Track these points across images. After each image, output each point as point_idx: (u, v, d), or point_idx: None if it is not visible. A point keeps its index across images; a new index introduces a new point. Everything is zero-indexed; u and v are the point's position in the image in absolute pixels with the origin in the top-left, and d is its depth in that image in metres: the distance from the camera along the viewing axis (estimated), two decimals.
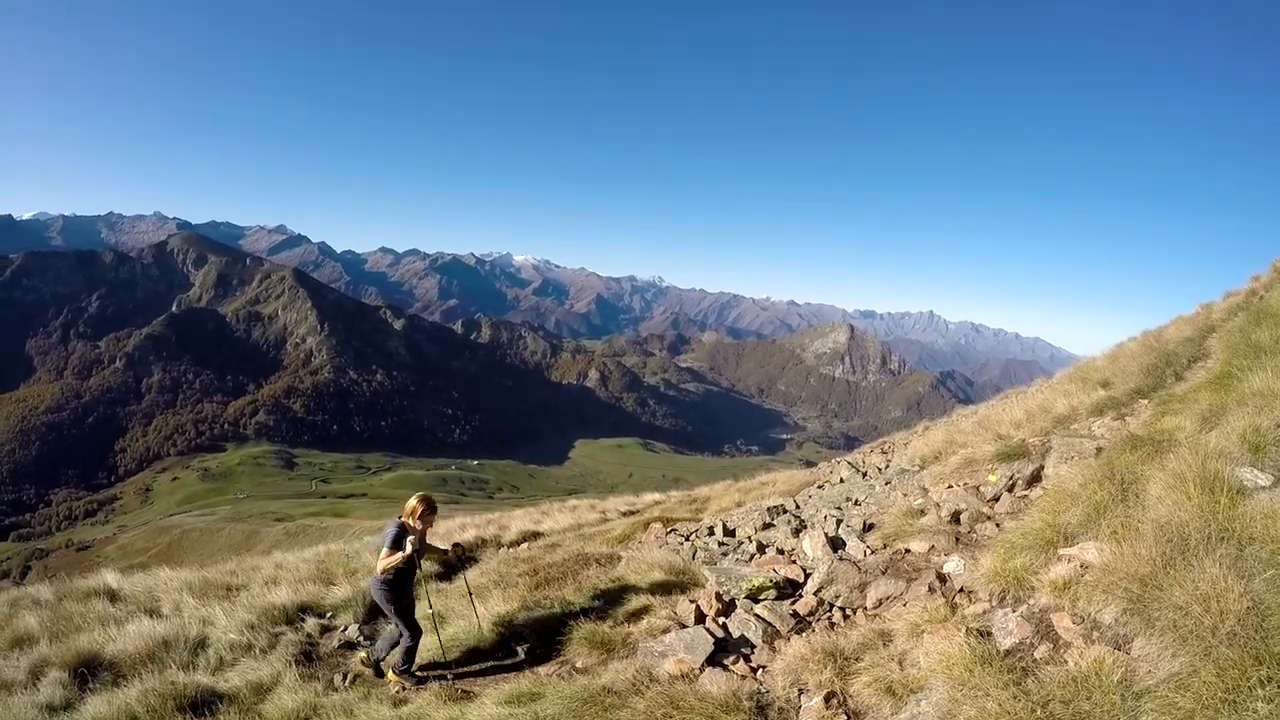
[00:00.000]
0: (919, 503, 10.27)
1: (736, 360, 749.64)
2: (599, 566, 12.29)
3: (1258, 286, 19.00)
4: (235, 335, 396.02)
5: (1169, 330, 18.42)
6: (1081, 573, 5.52)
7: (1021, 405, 15.56)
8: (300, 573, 15.09)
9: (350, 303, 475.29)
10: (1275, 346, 8.98)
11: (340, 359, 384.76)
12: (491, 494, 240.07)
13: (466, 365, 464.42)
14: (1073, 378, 17.72)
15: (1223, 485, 5.42)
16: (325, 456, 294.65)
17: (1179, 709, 3.76)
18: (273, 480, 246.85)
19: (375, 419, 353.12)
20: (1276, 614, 4.08)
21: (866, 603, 7.67)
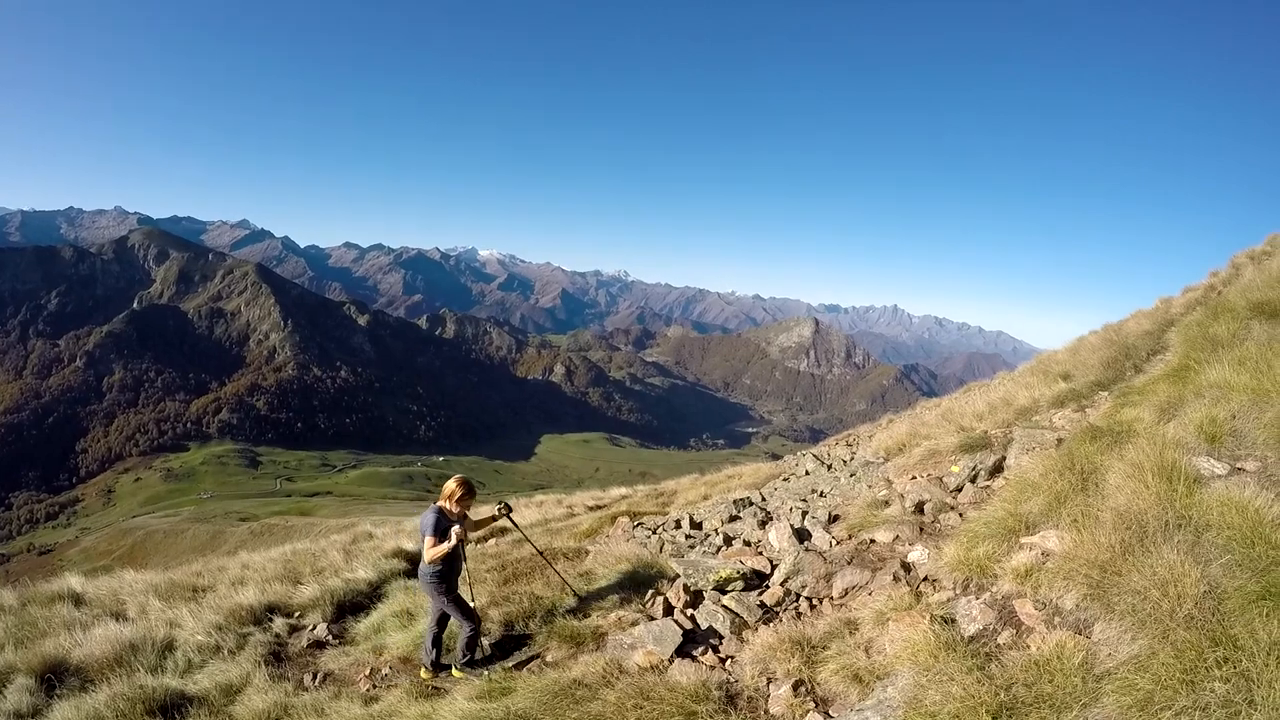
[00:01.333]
0: (883, 494, 10.38)
1: (702, 354, 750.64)
2: (567, 561, 12.31)
3: (1216, 282, 19.23)
4: (198, 332, 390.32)
5: (1129, 324, 18.61)
6: (1043, 560, 5.65)
7: (984, 398, 15.72)
8: (267, 572, 14.95)
9: (314, 298, 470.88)
10: (1232, 340, 9.12)
11: (304, 355, 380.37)
12: None
13: (431, 361, 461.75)
14: (1034, 371, 17.89)
15: (1180, 474, 5.56)
16: (290, 454, 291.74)
17: (1138, 690, 3.88)
18: (237, 479, 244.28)
19: (340, 416, 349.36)
20: (1233, 597, 4.21)
21: (833, 592, 7.76)
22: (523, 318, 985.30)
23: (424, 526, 8.66)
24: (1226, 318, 9.99)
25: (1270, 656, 3.65)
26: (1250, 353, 7.68)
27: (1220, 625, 4.05)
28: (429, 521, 8.61)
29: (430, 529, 8.55)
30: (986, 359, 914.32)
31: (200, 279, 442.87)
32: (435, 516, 8.65)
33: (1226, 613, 4.15)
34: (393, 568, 14.27)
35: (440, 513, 8.75)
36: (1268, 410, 6.14)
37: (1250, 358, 7.42)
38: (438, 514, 8.70)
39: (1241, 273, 16.10)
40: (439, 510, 8.76)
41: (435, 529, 8.54)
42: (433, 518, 8.63)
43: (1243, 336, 9.13)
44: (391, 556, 15.16)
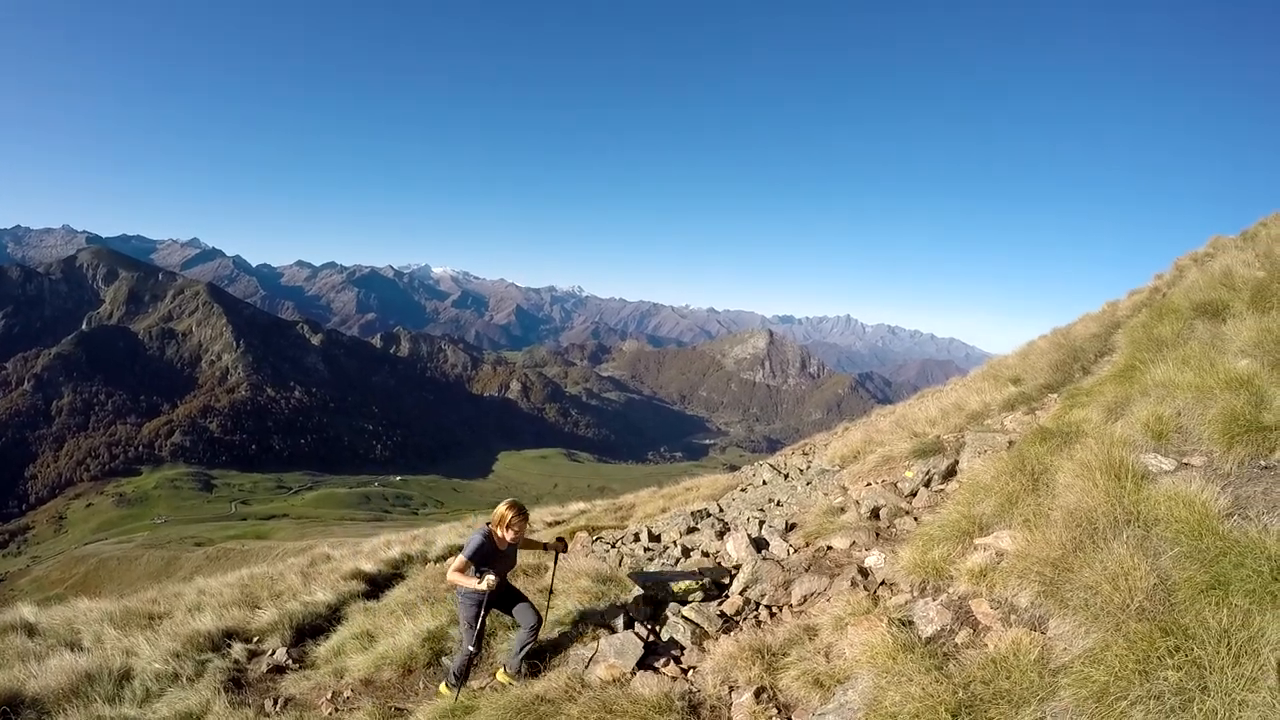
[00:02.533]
0: (839, 501, 10.47)
1: (658, 368, 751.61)
2: (526, 577, 12.27)
3: (1160, 284, 19.57)
4: (148, 353, 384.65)
5: (1077, 328, 18.87)
6: (997, 560, 5.74)
7: (936, 403, 15.87)
8: (224, 598, 14.79)
9: (266, 318, 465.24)
10: (1176, 340, 9.29)
11: (257, 376, 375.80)
12: (416, 510, 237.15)
13: (386, 380, 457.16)
14: (986, 375, 18.09)
15: (1128, 471, 5.68)
16: (244, 477, 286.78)
17: (1094, 682, 3.93)
18: (191, 503, 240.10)
19: (295, 437, 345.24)
20: (1183, 588, 4.30)
21: (791, 600, 7.82)
22: (477, 335, 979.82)
23: (466, 545, 8.01)
24: (1171, 319, 10.17)
25: (1221, 644, 3.72)
26: (1194, 352, 7.83)
27: (1171, 616, 4.13)
28: (472, 543, 7.97)
29: (469, 550, 7.91)
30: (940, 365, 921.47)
31: (151, 299, 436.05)
32: (480, 541, 8.02)
33: (1177, 603, 4.24)
34: (352, 589, 14.18)
35: (487, 538, 8.10)
36: (1211, 406, 6.26)
37: (1194, 356, 7.58)
38: (484, 539, 8.06)
39: (1185, 275, 16.38)
40: (486, 534, 8.11)
41: (473, 553, 7.91)
42: (477, 541, 8.00)
43: (1186, 336, 9.30)
44: (350, 578, 15.04)
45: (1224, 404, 6.14)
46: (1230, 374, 6.63)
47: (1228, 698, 3.51)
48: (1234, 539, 4.45)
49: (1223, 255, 14.26)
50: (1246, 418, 5.86)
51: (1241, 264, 11.19)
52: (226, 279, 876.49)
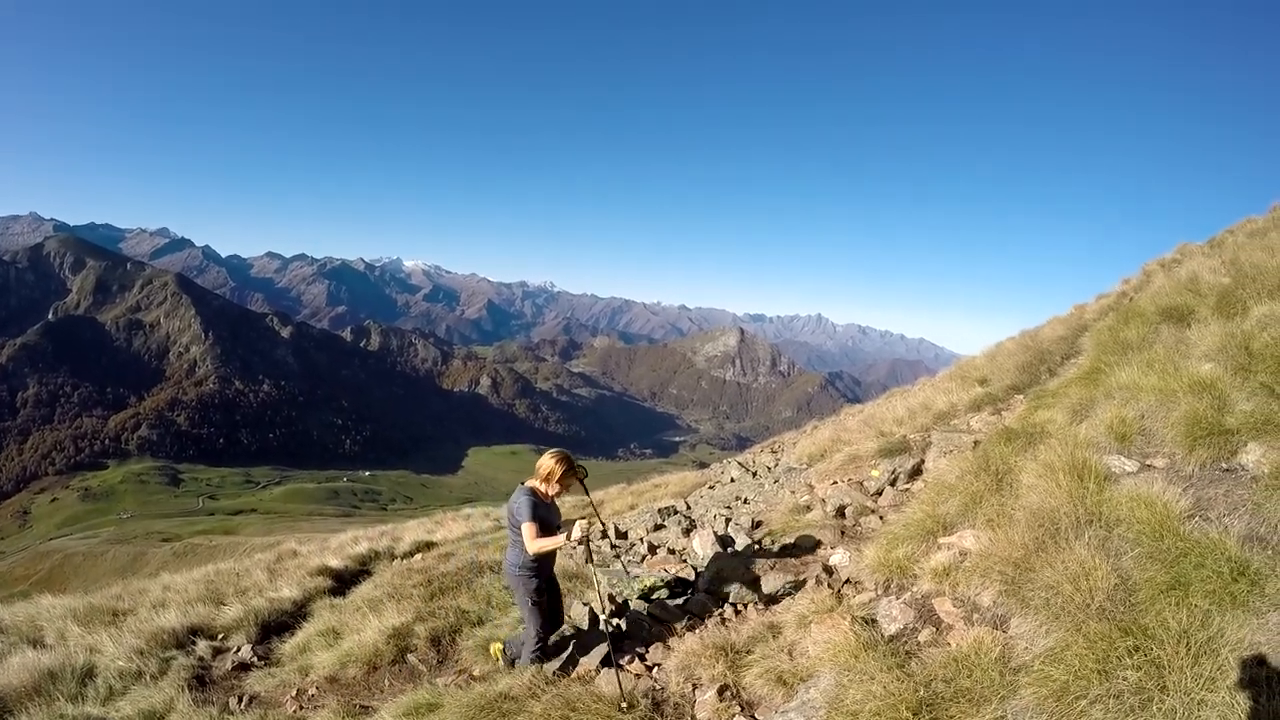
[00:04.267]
0: (805, 499, 10.52)
1: (629, 365, 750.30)
2: (493, 574, 12.26)
3: (1128, 289, 19.71)
4: (115, 344, 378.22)
5: (1045, 330, 19.00)
6: (961, 559, 5.77)
7: (904, 403, 15.95)
8: (189, 594, 14.65)
9: (235, 310, 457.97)
10: (1142, 344, 9.36)
11: (225, 369, 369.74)
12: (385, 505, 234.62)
13: (356, 374, 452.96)
14: (953, 376, 18.19)
15: (1091, 472, 5.73)
16: (212, 471, 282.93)
17: (1054, 680, 3.98)
18: (158, 498, 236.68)
19: (263, 431, 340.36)
20: (1144, 588, 4.35)
21: (757, 597, 7.83)
22: (448, 329, 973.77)
23: (517, 513, 7.23)
24: (1137, 322, 10.25)
25: (1180, 644, 3.76)
26: (1158, 355, 7.91)
27: (1132, 616, 4.18)
28: (525, 505, 7.18)
29: (528, 514, 7.10)
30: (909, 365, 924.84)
31: (119, 289, 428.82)
32: (532, 500, 7.25)
33: (1138, 603, 4.29)
34: (318, 586, 14.08)
35: (534, 495, 7.34)
36: (1175, 409, 6.32)
37: (1158, 360, 7.65)
38: (532, 497, 7.29)
39: (1152, 279, 16.51)
40: (532, 492, 7.35)
41: (534, 513, 7.12)
42: (528, 501, 7.22)
43: (1152, 340, 9.37)
44: (317, 575, 14.95)
45: (1187, 407, 6.20)
46: (1194, 378, 6.69)
47: (1187, 697, 3.55)
48: (1195, 540, 4.50)
49: (1190, 261, 14.38)
50: (1209, 421, 5.92)
51: (1208, 270, 11.29)
52: (196, 269, 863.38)
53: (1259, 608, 3.96)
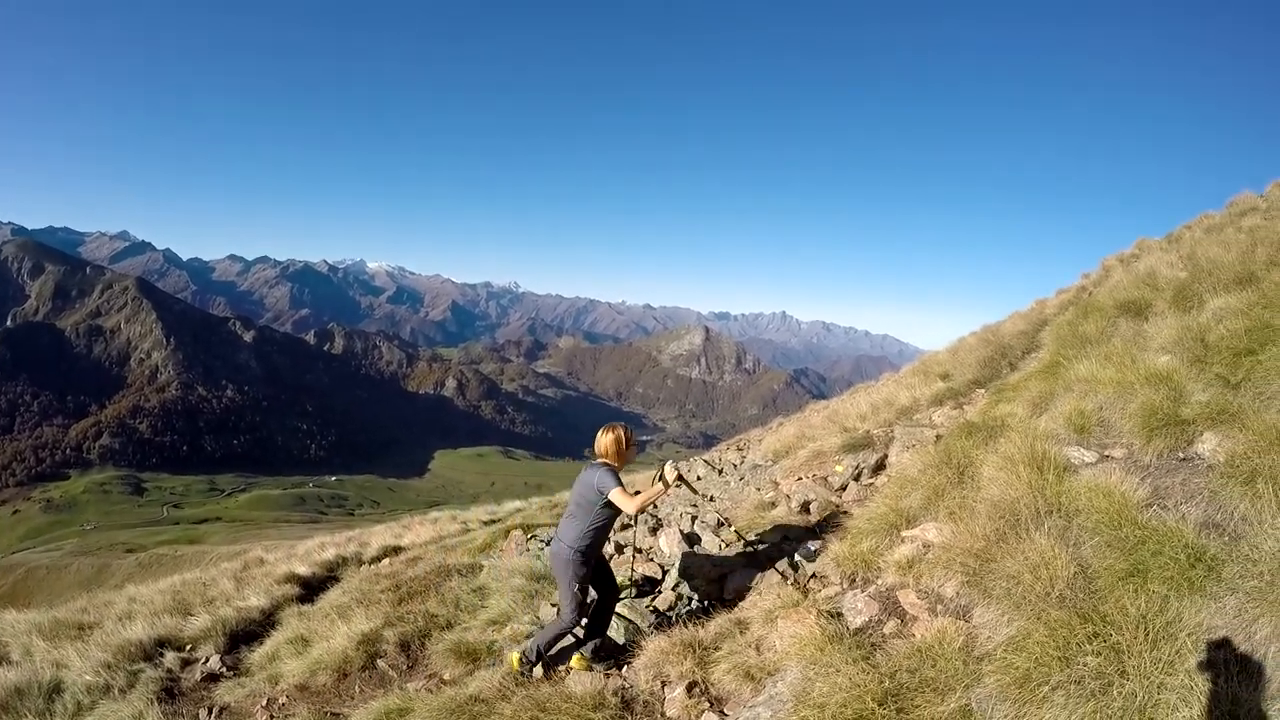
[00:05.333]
0: (771, 496, 10.58)
1: (594, 364, 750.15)
2: (461, 577, 12.26)
3: (1088, 283, 19.94)
4: (75, 351, 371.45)
5: (1006, 325, 19.17)
6: (924, 551, 5.86)
7: (868, 399, 16.06)
8: (156, 605, 14.51)
9: (198, 314, 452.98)
10: (1100, 337, 9.49)
11: (188, 374, 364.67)
12: (352, 510, 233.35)
13: (320, 377, 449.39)
14: (916, 371, 18.32)
15: (1050, 464, 5.83)
16: (176, 480, 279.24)
17: (1016, 668, 4.05)
18: (121, 508, 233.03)
19: (227, 437, 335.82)
20: (1103, 576, 4.44)
21: (723, 594, 7.87)
22: (413, 331, 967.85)
23: (600, 484, 6.88)
24: (1095, 316, 10.37)
25: (1139, 629, 3.85)
26: (1116, 348, 8.01)
27: (1091, 603, 4.26)
28: (606, 475, 6.89)
29: (614, 479, 6.83)
30: (873, 361, 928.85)
31: (78, 294, 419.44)
32: (612, 469, 7.02)
33: (1097, 591, 4.37)
34: (286, 593, 14.01)
35: (611, 466, 7.08)
36: (1132, 401, 6.41)
37: (1116, 353, 7.75)
38: (610, 466, 7.06)
39: (1111, 274, 16.71)
40: (607, 464, 7.09)
41: (618, 479, 6.87)
42: (610, 470, 6.96)
43: (1110, 334, 9.50)
44: (284, 582, 14.87)
45: (1144, 399, 6.30)
46: (1151, 370, 6.79)
47: (1146, 681, 3.63)
48: (1153, 528, 4.58)
49: (1148, 256, 14.57)
50: (1165, 411, 6.01)
51: (1165, 265, 11.45)
52: (157, 273, 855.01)
53: (1216, 592, 4.03)
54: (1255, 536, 4.18)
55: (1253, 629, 3.76)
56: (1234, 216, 16.20)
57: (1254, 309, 7.25)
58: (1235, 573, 4.05)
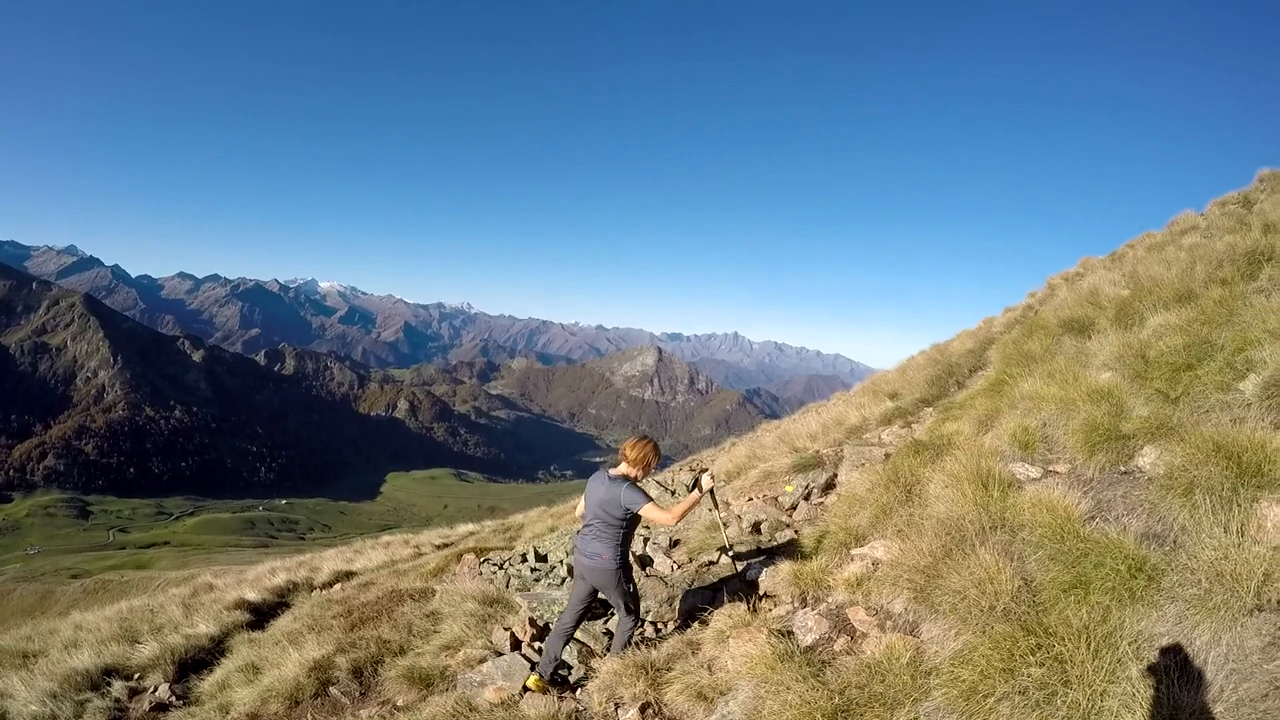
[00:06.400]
0: (722, 516, 10.61)
1: (547, 386, 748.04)
2: (414, 602, 12.18)
3: (1034, 302, 20.22)
4: (20, 369, 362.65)
5: (954, 343, 19.40)
6: (873, 569, 5.94)
7: (818, 419, 16.18)
8: (103, 632, 14.32)
9: (146, 332, 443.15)
10: (1045, 355, 9.67)
11: (135, 394, 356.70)
12: (303, 534, 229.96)
13: (271, 398, 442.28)
14: (866, 391, 18.50)
15: (995, 480, 5.95)
16: (122, 503, 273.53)
17: (963, 681, 4.12)
18: (66, 532, 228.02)
19: (175, 459, 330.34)
20: (1047, 589, 4.54)
21: (675, 615, 7.90)
22: (364, 352, 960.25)
23: (627, 502, 6.67)
24: (1040, 334, 10.55)
25: (1081, 639, 3.93)
26: (1060, 366, 8.18)
27: (1035, 615, 4.35)
28: (634, 493, 6.69)
29: (644, 497, 6.64)
30: (825, 380, 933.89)
31: (23, 310, 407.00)
32: (635, 485, 6.83)
33: (1041, 603, 4.46)
34: (236, 620, 13.88)
35: (631, 479, 6.93)
36: (1075, 417, 6.54)
37: (1060, 370, 7.91)
38: (632, 481, 6.92)
39: (1056, 292, 16.94)
40: (627, 478, 6.93)
41: (648, 496, 6.69)
42: (634, 487, 6.76)
43: (1055, 351, 9.66)
44: (234, 608, 14.73)
45: (1086, 414, 6.43)
46: (1093, 386, 6.93)
47: (1090, 689, 3.71)
48: (1095, 540, 4.67)
49: (1091, 275, 14.80)
50: (1107, 427, 6.14)
51: (1108, 283, 11.65)
52: (104, 290, 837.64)
53: (1156, 600, 4.13)
54: (1194, 546, 4.27)
55: (1192, 635, 3.85)
56: (1175, 235, 16.49)
57: (1193, 325, 7.41)
58: (1175, 581, 4.13)
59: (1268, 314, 6.54)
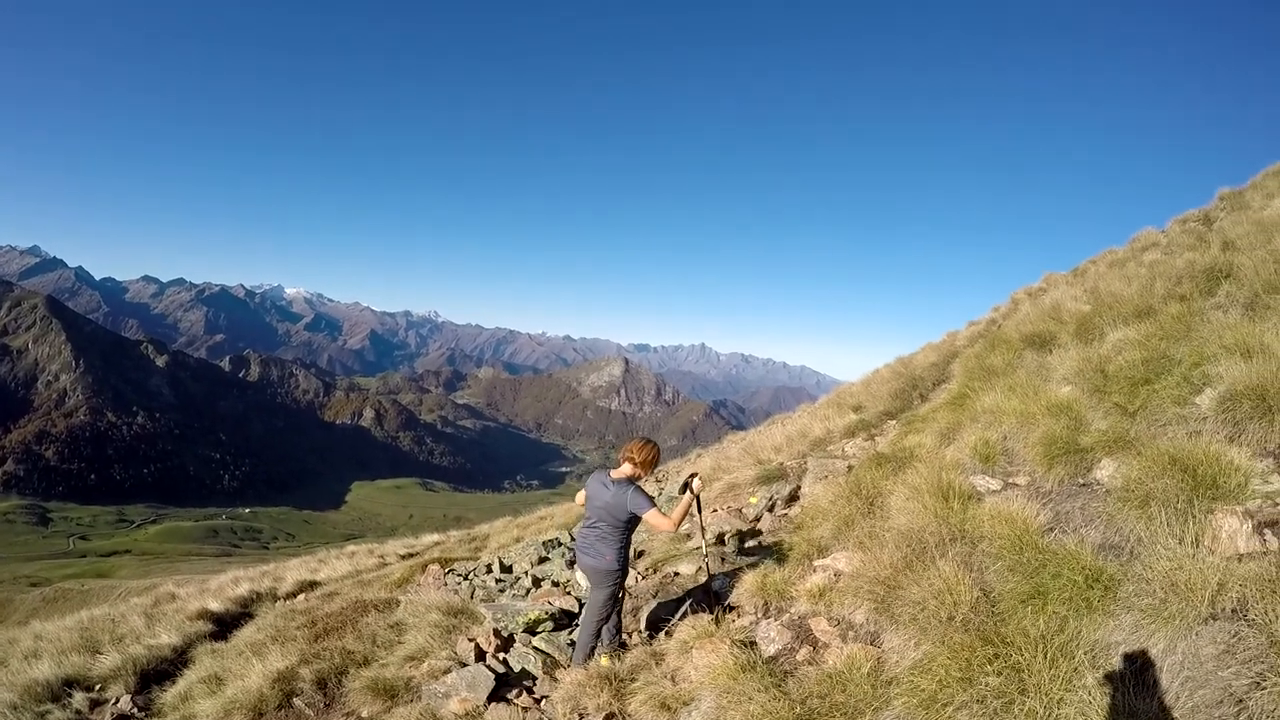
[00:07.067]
0: (686, 528, 10.65)
1: (514, 395, 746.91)
2: (378, 612, 12.14)
3: (997, 316, 20.42)
4: None
5: (918, 357, 19.56)
6: (835, 580, 6.00)
7: (783, 431, 16.28)
8: (63, 643, 14.18)
9: (109, 336, 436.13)
10: (1006, 369, 9.78)
11: (97, 399, 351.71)
12: (267, 544, 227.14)
13: (235, 405, 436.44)
14: (831, 403, 18.62)
15: (955, 493, 6.03)
16: (83, 510, 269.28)
17: (922, 691, 4.18)
18: (25, 539, 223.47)
19: (137, 466, 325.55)
20: (1005, 599, 4.61)
21: (640, 626, 7.92)
22: (330, 359, 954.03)
23: (633, 506, 6.73)
24: (1003, 349, 10.67)
25: (1039, 648, 3.99)
26: (1021, 380, 8.29)
27: (993, 625, 4.42)
28: (638, 496, 6.74)
29: (647, 501, 6.69)
30: (791, 392, 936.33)
31: None
32: (638, 488, 6.84)
33: (1000, 613, 4.53)
34: (198, 630, 13.78)
35: (635, 482, 7.01)
36: (1035, 430, 6.64)
37: (1020, 384, 8.02)
38: (636, 484, 6.96)
39: (1019, 307, 17.12)
40: (631, 481, 6.97)
41: (652, 501, 6.75)
42: (638, 490, 6.79)
43: (1016, 365, 9.78)
44: (196, 618, 14.63)
45: (1046, 428, 6.52)
46: (1053, 400, 7.04)
47: (1046, 697, 3.77)
48: (1053, 551, 4.74)
49: (1054, 290, 14.97)
50: (1066, 440, 6.23)
51: (1070, 299, 11.79)
52: (67, 292, 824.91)
53: (1113, 610, 4.20)
54: (1149, 557, 4.34)
55: (1148, 644, 3.91)
56: (1136, 252, 16.70)
57: (1151, 340, 7.51)
58: (1131, 591, 4.20)
59: (1224, 330, 6.64)
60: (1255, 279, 8.10)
